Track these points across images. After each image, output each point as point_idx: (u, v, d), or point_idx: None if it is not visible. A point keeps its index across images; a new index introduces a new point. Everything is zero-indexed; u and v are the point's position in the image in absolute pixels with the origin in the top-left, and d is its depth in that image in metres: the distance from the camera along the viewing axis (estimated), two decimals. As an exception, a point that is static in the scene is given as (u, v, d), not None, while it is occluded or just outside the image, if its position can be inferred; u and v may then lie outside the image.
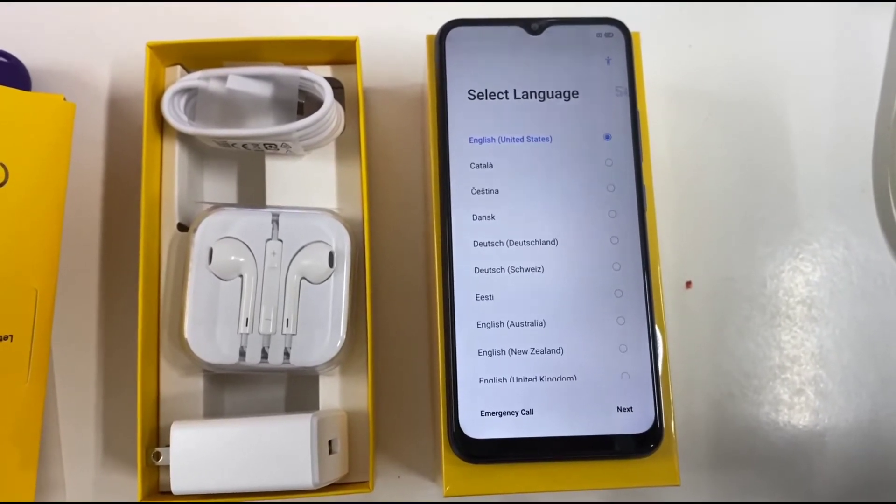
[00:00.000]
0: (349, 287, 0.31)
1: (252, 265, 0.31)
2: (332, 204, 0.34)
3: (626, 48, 0.31)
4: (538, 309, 0.29)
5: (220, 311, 0.31)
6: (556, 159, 0.30)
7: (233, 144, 0.33)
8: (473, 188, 0.30)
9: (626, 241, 0.30)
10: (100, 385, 0.35)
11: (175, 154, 0.34)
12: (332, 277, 0.31)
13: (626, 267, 0.29)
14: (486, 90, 0.31)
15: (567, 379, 0.29)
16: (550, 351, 0.29)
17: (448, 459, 0.28)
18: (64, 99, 0.33)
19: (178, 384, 0.32)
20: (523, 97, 0.31)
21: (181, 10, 0.38)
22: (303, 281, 0.31)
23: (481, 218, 0.30)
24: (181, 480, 0.29)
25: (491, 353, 0.29)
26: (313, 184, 0.34)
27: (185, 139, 0.34)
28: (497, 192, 0.30)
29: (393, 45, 0.37)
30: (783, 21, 0.39)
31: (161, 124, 0.34)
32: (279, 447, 0.29)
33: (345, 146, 0.34)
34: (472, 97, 0.31)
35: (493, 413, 0.28)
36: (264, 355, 0.31)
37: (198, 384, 0.33)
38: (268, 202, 0.34)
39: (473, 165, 0.30)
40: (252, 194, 0.36)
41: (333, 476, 0.30)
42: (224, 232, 0.32)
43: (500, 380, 0.28)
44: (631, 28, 0.32)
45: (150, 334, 0.32)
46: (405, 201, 0.36)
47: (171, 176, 0.34)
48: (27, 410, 0.32)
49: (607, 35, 0.31)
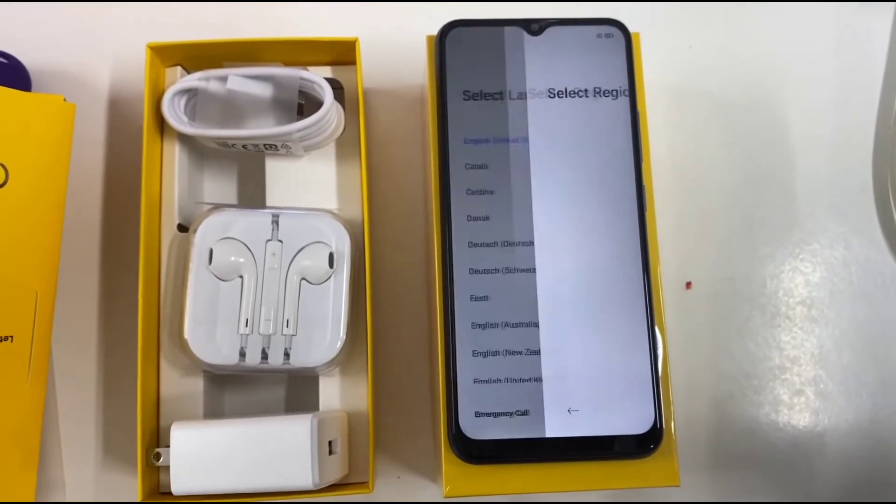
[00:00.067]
0: (349, 288, 0.31)
1: (252, 266, 0.31)
2: (332, 205, 0.34)
3: (626, 49, 0.31)
4: (537, 310, 0.29)
5: (220, 312, 0.31)
6: (556, 160, 0.30)
7: (233, 145, 0.33)
8: (469, 189, 0.30)
9: (626, 242, 0.30)
10: (100, 385, 0.35)
11: (175, 155, 0.34)
12: (332, 278, 0.31)
13: (626, 267, 0.29)
14: (486, 91, 0.31)
15: (567, 380, 0.29)
16: (550, 352, 0.29)
17: (448, 460, 0.29)
18: (64, 100, 0.33)
19: (178, 384, 0.32)
20: (523, 98, 0.31)
21: (181, 11, 0.38)
22: (303, 281, 0.31)
23: (476, 219, 0.30)
24: (181, 481, 0.29)
25: (489, 354, 0.29)
26: (313, 184, 0.34)
27: (186, 140, 0.34)
28: (492, 193, 0.30)
29: (393, 46, 0.37)
30: (783, 21, 0.39)
31: (161, 125, 0.34)
32: (279, 448, 0.29)
33: (345, 147, 0.34)
34: (473, 98, 0.31)
35: (493, 414, 0.28)
36: (264, 356, 0.31)
37: (198, 385, 0.33)
38: (268, 203, 0.34)
39: (469, 166, 0.30)
40: (252, 195, 0.36)
41: (333, 476, 0.30)
42: (224, 232, 0.32)
43: (500, 380, 0.28)
44: (631, 28, 0.32)
45: (150, 335, 0.32)
46: (405, 202, 0.36)
47: (172, 176, 0.34)
48: (27, 411, 0.32)
49: (607, 36, 0.31)
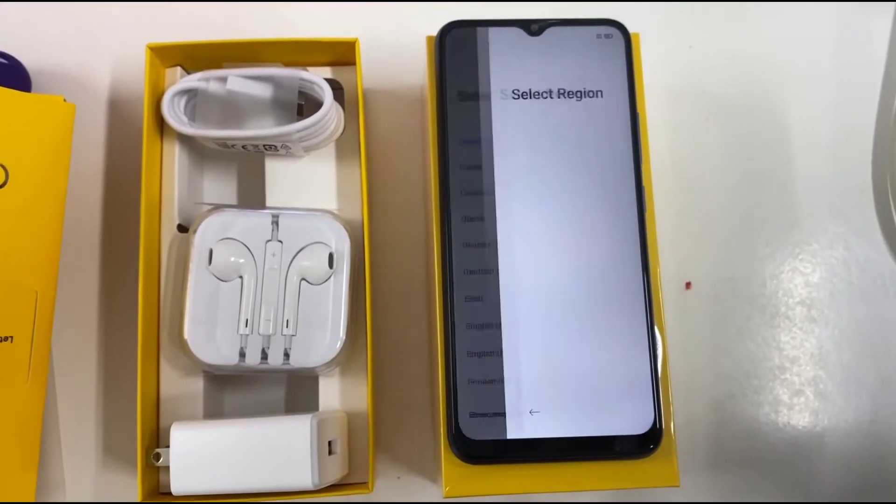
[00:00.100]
0: (349, 288, 0.32)
1: (252, 266, 0.31)
2: (332, 205, 0.34)
3: (626, 49, 0.31)
4: (536, 310, 0.29)
5: (220, 312, 0.31)
6: (555, 161, 0.30)
7: (232, 145, 0.33)
8: (464, 190, 0.30)
9: (625, 243, 0.30)
10: (100, 385, 0.35)
11: (175, 155, 0.34)
12: (332, 278, 0.31)
13: (626, 268, 0.29)
14: (486, 91, 0.31)
15: (566, 380, 0.29)
16: (548, 352, 0.29)
17: (448, 460, 0.29)
18: (64, 100, 0.33)
19: (178, 385, 0.32)
20: (522, 98, 0.31)
21: (181, 11, 0.38)
22: (302, 282, 0.31)
23: (471, 219, 0.30)
24: (181, 481, 0.29)
25: (485, 355, 0.29)
26: (313, 185, 0.34)
27: (185, 140, 0.34)
28: (489, 195, 0.30)
29: (393, 47, 0.37)
30: (783, 21, 0.39)
31: (161, 125, 0.34)
32: (279, 448, 0.29)
33: (344, 147, 0.34)
34: (472, 98, 0.31)
35: (493, 414, 0.28)
36: (264, 356, 0.31)
37: (198, 385, 0.33)
38: (267, 203, 0.34)
39: (466, 167, 0.30)
40: (252, 195, 0.36)
41: (333, 477, 0.30)
42: (224, 233, 0.32)
43: (500, 381, 0.28)
44: (631, 29, 0.32)
45: (150, 335, 0.32)
46: (405, 202, 0.36)
47: (171, 177, 0.34)
48: (27, 411, 0.32)
49: (607, 36, 0.31)
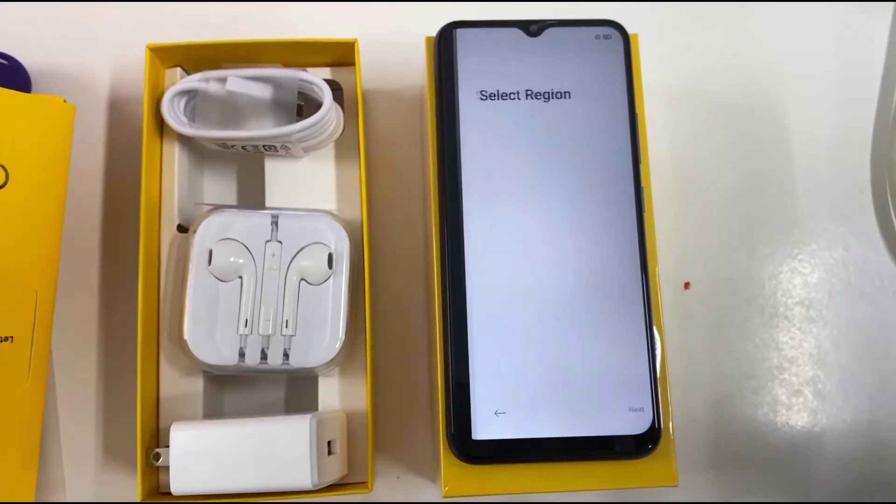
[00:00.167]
0: (348, 288, 0.32)
1: (251, 266, 0.31)
2: (332, 205, 0.34)
3: (625, 50, 0.31)
4: (536, 310, 0.29)
5: (220, 313, 0.31)
6: (554, 161, 0.30)
7: (232, 146, 0.33)
8: (468, 190, 0.30)
9: (625, 243, 0.30)
10: (100, 385, 0.35)
11: (175, 156, 0.34)
12: (332, 279, 0.32)
13: (625, 268, 0.29)
14: (485, 91, 0.31)
15: (565, 380, 0.29)
16: (547, 352, 0.29)
17: (447, 460, 0.29)
18: (64, 101, 0.33)
19: (178, 385, 0.33)
20: (522, 98, 0.31)
21: (181, 11, 0.38)
22: (302, 282, 0.31)
23: (477, 219, 0.30)
24: (181, 481, 0.29)
25: (487, 355, 0.29)
26: (313, 185, 0.34)
27: (185, 141, 0.34)
28: (490, 195, 0.30)
29: (392, 47, 0.37)
30: (783, 21, 0.39)
31: (161, 126, 0.34)
32: (278, 448, 0.29)
33: (344, 148, 0.34)
34: (472, 98, 0.31)
35: (492, 414, 0.28)
36: (264, 356, 0.31)
37: (197, 385, 0.33)
38: (267, 204, 0.34)
39: (470, 166, 0.30)
40: (251, 196, 0.36)
41: (333, 477, 0.30)
42: (224, 233, 0.32)
43: (499, 381, 0.28)
44: (630, 29, 0.32)
45: (150, 335, 0.32)
46: (404, 203, 0.36)
47: (171, 177, 0.34)
48: (27, 411, 0.32)
49: (606, 37, 0.31)
